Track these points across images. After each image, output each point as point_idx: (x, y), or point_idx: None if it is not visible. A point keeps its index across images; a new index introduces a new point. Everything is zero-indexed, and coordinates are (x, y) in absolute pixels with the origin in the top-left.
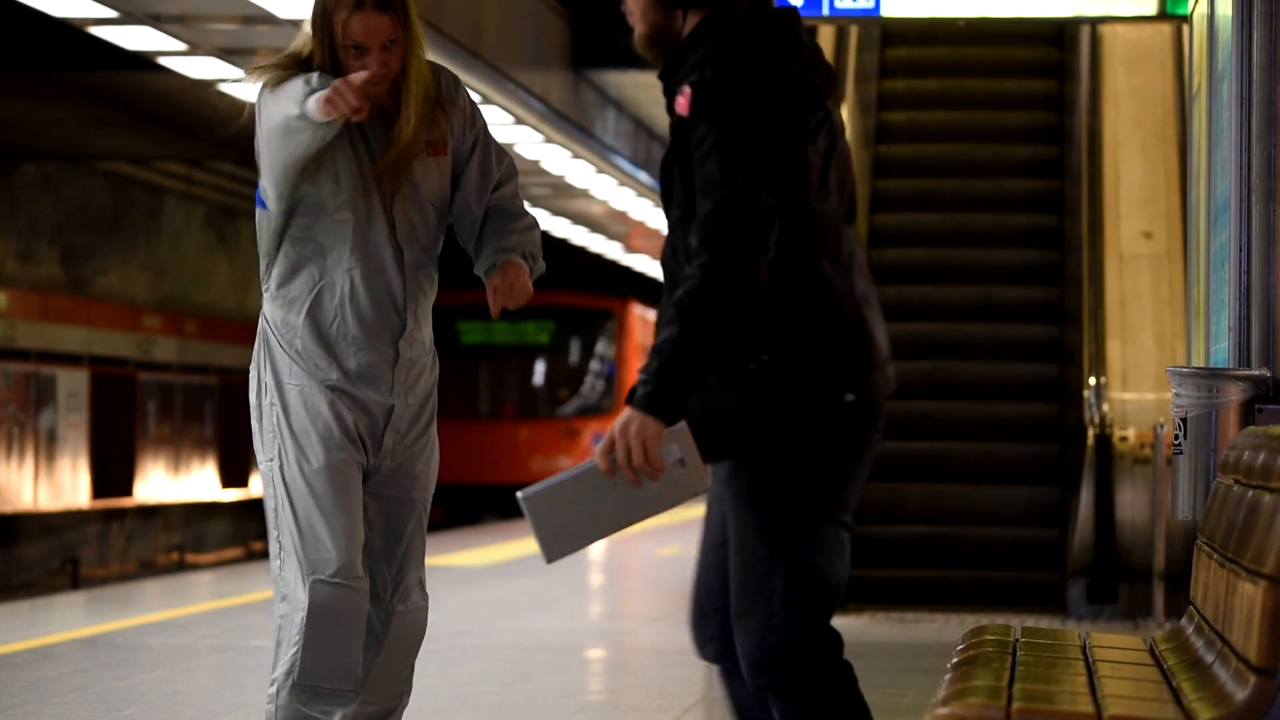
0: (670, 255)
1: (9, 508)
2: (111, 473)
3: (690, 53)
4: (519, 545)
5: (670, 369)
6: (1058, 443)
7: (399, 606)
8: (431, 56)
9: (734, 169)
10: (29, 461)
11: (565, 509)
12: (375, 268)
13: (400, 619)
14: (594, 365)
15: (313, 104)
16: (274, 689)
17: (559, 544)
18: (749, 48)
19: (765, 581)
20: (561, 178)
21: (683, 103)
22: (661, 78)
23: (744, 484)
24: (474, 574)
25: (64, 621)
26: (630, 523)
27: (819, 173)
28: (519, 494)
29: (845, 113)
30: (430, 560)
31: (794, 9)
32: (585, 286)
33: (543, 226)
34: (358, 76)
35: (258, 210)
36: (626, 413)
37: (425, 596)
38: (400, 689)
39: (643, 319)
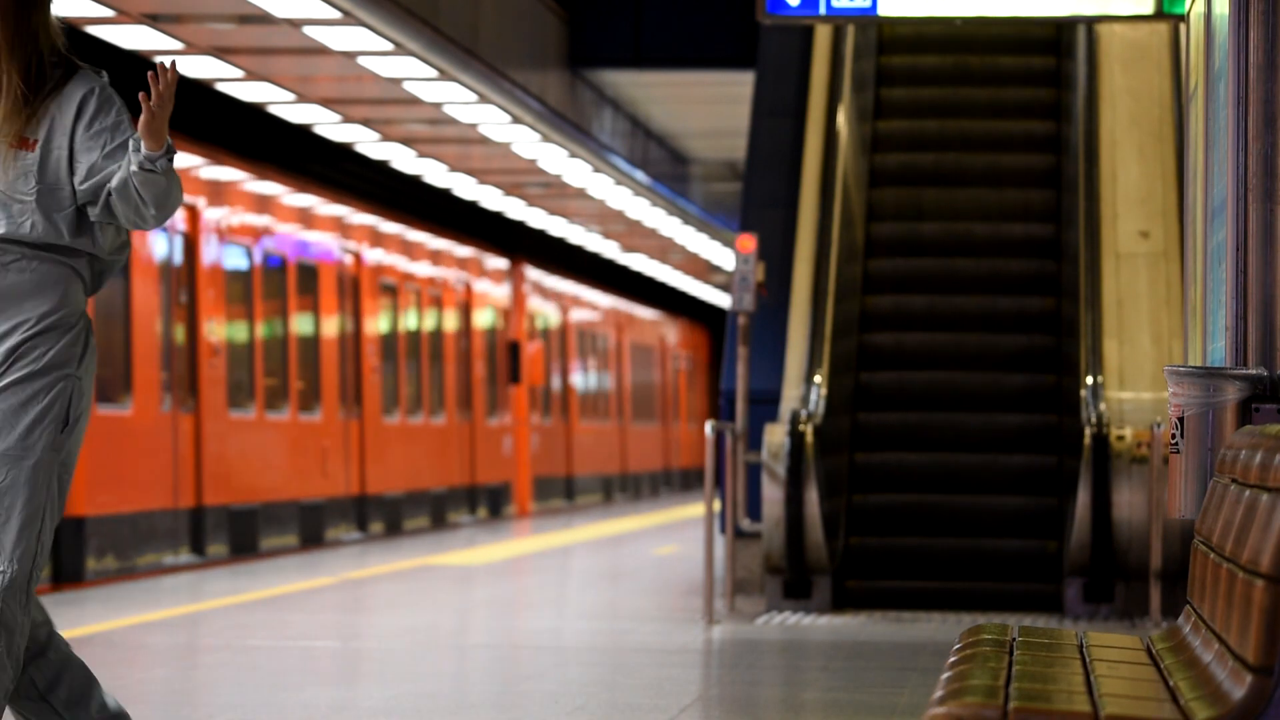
0: None
1: None
2: None
3: None
4: (518, 545)
5: None
6: (1055, 453)
7: None
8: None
9: None
10: None
11: None
12: None
13: None
14: None
15: None
16: None
17: None
18: None
19: None
20: (558, 177)
21: None
22: None
23: None
24: (473, 574)
25: (62, 620)
26: None
27: None
28: None
29: (841, 118)
30: (429, 560)
31: None
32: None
33: (538, 225)
34: None
35: None
36: None
37: None
38: None
39: None
